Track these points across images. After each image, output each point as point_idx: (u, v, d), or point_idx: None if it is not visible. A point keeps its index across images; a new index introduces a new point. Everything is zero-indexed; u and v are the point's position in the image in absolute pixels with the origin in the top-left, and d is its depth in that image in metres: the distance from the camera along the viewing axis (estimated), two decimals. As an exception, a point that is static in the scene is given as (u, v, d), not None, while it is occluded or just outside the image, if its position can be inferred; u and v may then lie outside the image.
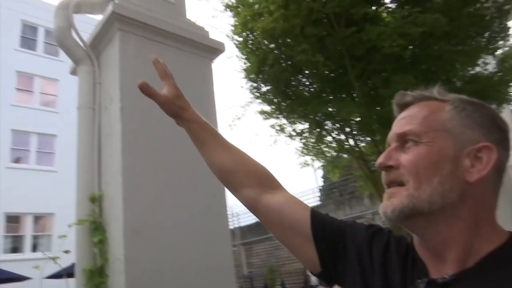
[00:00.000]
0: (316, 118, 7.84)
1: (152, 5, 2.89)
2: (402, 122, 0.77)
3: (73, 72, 2.92)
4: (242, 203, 0.97)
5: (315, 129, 8.31)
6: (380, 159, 0.75)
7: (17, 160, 18.04)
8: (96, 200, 2.43)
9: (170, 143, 2.50)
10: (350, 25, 6.22)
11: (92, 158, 2.55)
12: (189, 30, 2.98)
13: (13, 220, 17.13)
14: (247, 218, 20.46)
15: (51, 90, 19.85)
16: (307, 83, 8.08)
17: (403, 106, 0.80)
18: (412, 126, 0.74)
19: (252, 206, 0.95)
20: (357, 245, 0.83)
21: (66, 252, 2.38)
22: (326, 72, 7.09)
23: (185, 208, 2.47)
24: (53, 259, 2.27)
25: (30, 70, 19.25)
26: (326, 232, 0.87)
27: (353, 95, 7.36)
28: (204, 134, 0.99)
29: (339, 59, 6.74)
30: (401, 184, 0.72)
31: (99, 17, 2.86)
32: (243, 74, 7.89)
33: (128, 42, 2.63)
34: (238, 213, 21.82)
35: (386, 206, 0.73)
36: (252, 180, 0.95)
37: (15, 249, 16.95)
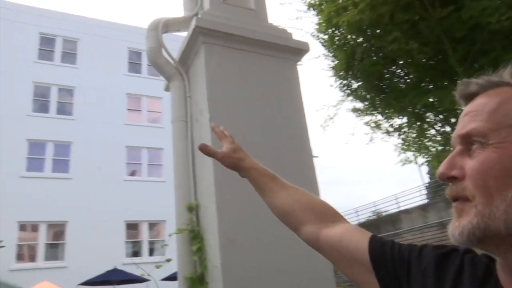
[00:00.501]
0: (416, 110, 7.29)
1: (232, 14, 2.93)
2: (465, 120, 0.62)
3: (167, 88, 3.10)
4: (304, 241, 0.97)
5: (415, 123, 7.74)
6: (441, 168, 0.60)
7: (132, 173, 20.06)
8: (193, 209, 2.52)
9: (260, 150, 2.49)
10: (446, 5, 5.65)
11: (187, 169, 2.66)
12: (271, 34, 2.95)
13: (132, 227, 19.03)
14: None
15: (156, 107, 21.71)
16: (402, 74, 7.58)
17: (468, 98, 0.65)
18: (477, 123, 0.58)
19: (313, 243, 0.94)
20: (422, 270, 0.70)
21: (168, 260, 2.50)
22: (423, 59, 6.55)
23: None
24: (158, 266, 2.40)
25: (138, 91, 21.31)
26: (386, 258, 0.77)
27: (457, 81, 6.67)
28: (263, 180, 1.04)
29: (437, 44, 6.17)
30: (467, 199, 0.57)
31: (184, 33, 3.00)
32: (331, 72, 7.69)
33: (213, 53, 2.70)
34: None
35: (454, 228, 0.58)
36: (311, 216, 0.95)
37: (136, 253, 18.79)
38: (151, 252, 19.00)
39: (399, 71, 7.43)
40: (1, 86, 18.35)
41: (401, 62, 7.00)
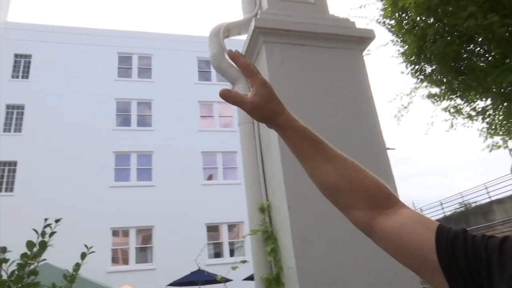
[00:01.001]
0: (501, 90, 6.59)
1: (292, 10, 2.89)
2: None
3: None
4: (355, 225, 0.80)
5: (501, 104, 7.01)
6: None
7: (209, 178, 20.83)
8: (265, 210, 2.51)
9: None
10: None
11: (257, 170, 2.66)
12: (332, 25, 2.86)
13: (213, 229, 19.73)
14: (430, 214, 18.68)
15: (227, 112, 22.31)
16: (482, 51, 6.90)
17: None
18: None
19: (365, 231, 0.78)
20: (509, 278, 0.55)
21: (244, 262, 2.52)
22: (506, 33, 5.89)
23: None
24: (233, 268, 2.42)
25: (209, 98, 22.08)
26: (458, 257, 0.61)
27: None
28: (303, 143, 0.82)
29: (521, 14, 5.53)
30: None
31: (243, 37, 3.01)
32: (402, 59, 7.26)
33: (274, 52, 2.68)
34: (422, 209, 20.14)
35: None
36: (362, 200, 0.77)
37: (217, 254, 19.45)
38: (232, 253, 19.54)
39: (478, 49, 6.77)
40: (88, 104, 20.19)
41: (479, 39, 6.38)
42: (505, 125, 7.44)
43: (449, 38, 6.31)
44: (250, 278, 13.54)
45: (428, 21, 6.43)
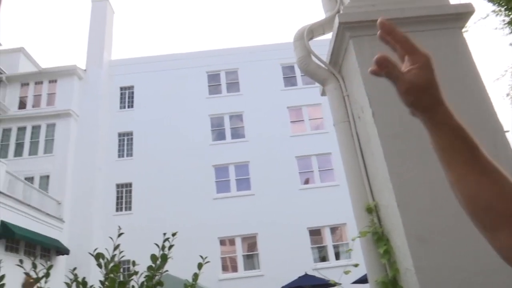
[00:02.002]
0: None
1: (376, -1, 2.75)
2: None
3: (323, 93, 3.09)
4: (497, 250, 0.65)
5: None
6: None
7: (306, 181, 20.77)
8: (372, 210, 2.40)
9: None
10: None
11: (358, 169, 2.57)
12: (423, 7, 2.65)
13: (315, 233, 19.56)
14: None
15: (317, 114, 22.11)
16: None
17: None
18: None
19: (509, 257, 0.63)
20: None
21: (355, 265, 2.42)
22: None
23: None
24: (346, 272, 2.35)
25: (297, 103, 22.15)
26: None
27: None
28: (457, 146, 0.67)
29: None
30: None
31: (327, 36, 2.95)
32: (509, 29, 6.44)
33: (363, 45, 2.57)
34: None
35: None
36: None
37: (323, 258, 19.20)
38: (337, 256, 19.13)
39: None
40: (185, 124, 21.65)
41: None
42: None
43: None
44: (359, 281, 13.10)
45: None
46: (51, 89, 22.11)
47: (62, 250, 17.61)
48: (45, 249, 17.28)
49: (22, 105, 21.96)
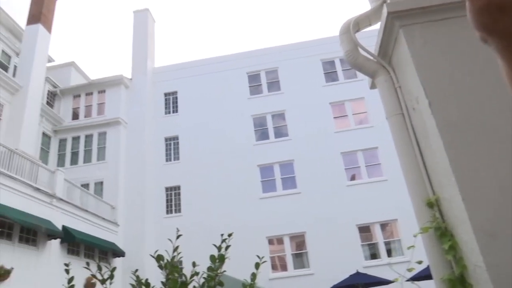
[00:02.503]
0: None
1: (425, -15, 2.63)
2: None
3: (372, 86, 3.00)
4: None
5: None
6: None
7: (352, 178, 20.36)
8: (433, 204, 2.30)
9: (499, 123, 2.09)
10: None
11: (416, 163, 2.47)
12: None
13: (365, 230, 19.12)
14: None
15: (360, 108, 21.61)
16: None
17: None
18: None
19: None
20: None
21: (419, 262, 2.34)
22: None
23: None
24: (409, 270, 2.27)
25: (339, 98, 21.77)
26: None
27: None
28: None
29: None
30: None
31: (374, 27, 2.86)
32: None
33: (414, 34, 2.48)
34: None
35: None
36: None
37: (373, 255, 18.72)
38: (389, 253, 18.58)
39: None
40: (228, 125, 21.93)
41: None
42: None
43: None
44: (414, 278, 12.63)
45: None
46: (100, 99, 23.21)
47: (118, 253, 18.41)
48: (102, 251, 18.15)
49: (75, 116, 23.22)
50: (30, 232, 13.76)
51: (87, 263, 2.89)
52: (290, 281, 18.14)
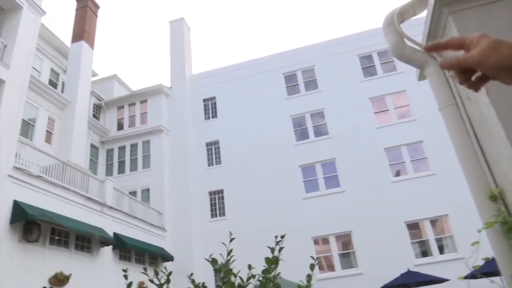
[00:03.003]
0: None
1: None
2: None
3: (421, 77, 2.89)
4: None
5: None
6: None
7: (397, 174, 19.74)
8: (497, 197, 2.18)
9: None
10: None
11: (474, 154, 2.35)
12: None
13: (413, 227, 18.48)
14: None
15: (401, 101, 20.96)
16: None
17: None
18: None
19: None
20: None
21: (486, 259, 2.21)
22: None
23: None
24: (476, 267, 2.15)
25: (379, 93, 21.23)
26: None
27: None
28: None
29: None
30: None
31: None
32: None
33: (463, 19, 2.36)
34: None
35: None
36: None
37: (424, 253, 18.05)
38: (441, 250, 17.84)
39: None
40: (267, 127, 21.98)
41: None
42: None
43: None
44: (470, 276, 12.06)
45: None
46: (143, 108, 24.00)
47: (167, 257, 18.89)
48: (152, 256, 18.70)
49: (120, 126, 24.14)
50: (85, 240, 14.42)
51: (144, 268, 2.98)
52: (338, 281, 17.85)
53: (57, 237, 13.20)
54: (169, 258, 18.98)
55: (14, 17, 13.50)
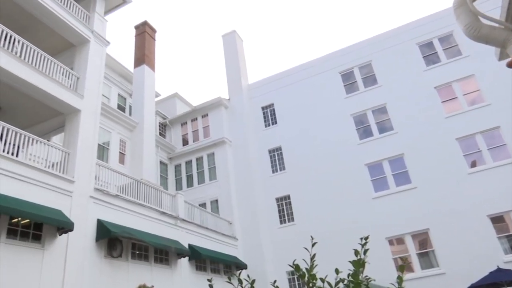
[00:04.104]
0: None
1: None
2: None
3: (502, 56, 2.67)
4: None
5: None
6: None
7: (473, 164, 18.39)
8: None
9: None
10: None
11: None
12: None
13: (498, 220, 17.06)
14: None
15: (470, 87, 19.61)
16: None
17: None
18: None
19: None
20: None
21: None
22: None
23: None
24: None
25: (445, 80, 20.04)
26: None
27: None
28: None
29: None
30: None
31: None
32: None
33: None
34: None
35: None
36: None
37: (515, 248, 16.57)
38: (536, 246, 16.25)
39: None
40: (329, 129, 21.66)
41: None
42: None
43: None
44: None
45: None
46: (204, 122, 24.81)
47: (240, 265, 19.18)
48: (226, 265, 19.09)
49: (185, 142, 25.13)
50: (163, 253, 15.09)
51: (229, 278, 3.03)
52: (419, 282, 16.94)
53: (137, 252, 13.95)
54: (243, 266, 19.24)
55: (83, 51, 14.63)
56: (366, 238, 2.46)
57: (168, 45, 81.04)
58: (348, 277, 2.32)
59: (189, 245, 16.40)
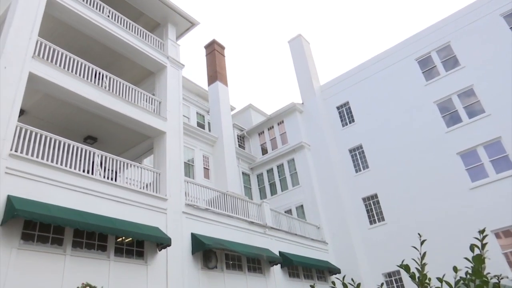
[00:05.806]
0: None
1: None
2: None
3: None
4: None
5: None
6: None
7: None
8: None
9: None
10: None
11: None
12: None
13: None
14: None
15: None
16: None
17: None
18: None
19: None
20: None
21: None
22: None
23: None
24: None
25: None
26: None
27: None
28: None
29: None
30: None
31: None
32: None
33: None
34: None
35: None
36: None
37: None
38: None
39: None
40: (411, 120, 20.47)
41: None
42: None
43: None
44: None
45: None
46: (281, 129, 24.98)
47: (333, 270, 18.77)
48: (319, 271, 18.81)
49: (264, 151, 25.51)
50: (255, 261, 15.33)
51: (333, 282, 2.95)
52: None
53: (231, 262, 14.34)
54: (336, 270, 18.81)
55: (161, 76, 15.62)
56: (482, 232, 2.22)
57: (237, 59, 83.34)
58: (466, 275, 2.12)
59: (280, 252, 16.46)
